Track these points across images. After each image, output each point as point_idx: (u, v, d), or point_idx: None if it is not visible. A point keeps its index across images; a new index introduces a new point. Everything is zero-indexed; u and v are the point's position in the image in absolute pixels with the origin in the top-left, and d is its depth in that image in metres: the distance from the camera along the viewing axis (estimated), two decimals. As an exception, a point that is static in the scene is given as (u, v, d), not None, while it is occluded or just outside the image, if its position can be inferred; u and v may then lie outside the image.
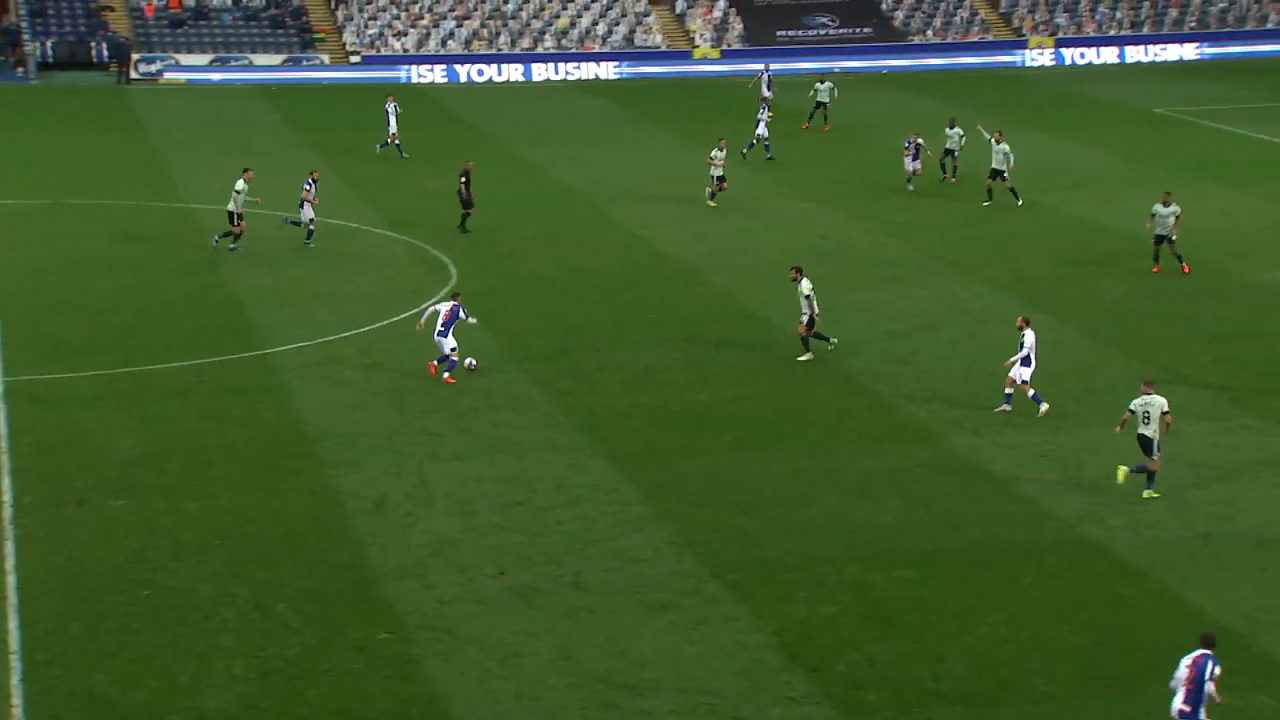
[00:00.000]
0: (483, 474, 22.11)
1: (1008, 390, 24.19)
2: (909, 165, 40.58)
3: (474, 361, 26.25)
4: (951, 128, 41.68)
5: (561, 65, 64.25)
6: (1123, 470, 21.08)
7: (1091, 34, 68.73)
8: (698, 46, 66.50)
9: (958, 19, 68.89)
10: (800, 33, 68.00)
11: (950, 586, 18.75)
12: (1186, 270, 32.08)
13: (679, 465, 22.48)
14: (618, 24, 67.09)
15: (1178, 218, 32.11)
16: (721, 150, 38.09)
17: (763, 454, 22.83)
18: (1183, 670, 14.66)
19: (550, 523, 20.54)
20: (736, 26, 67.85)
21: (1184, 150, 46.00)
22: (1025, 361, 23.89)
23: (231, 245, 33.83)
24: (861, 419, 24.27)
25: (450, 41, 65.29)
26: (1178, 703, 14.60)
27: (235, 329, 28.71)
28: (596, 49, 65.67)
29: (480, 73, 63.79)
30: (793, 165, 44.48)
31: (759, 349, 27.65)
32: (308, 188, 34.13)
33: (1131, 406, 21.12)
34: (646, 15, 68.04)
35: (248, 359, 27.07)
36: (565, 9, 67.83)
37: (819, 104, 50.07)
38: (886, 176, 42.72)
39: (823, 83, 50.48)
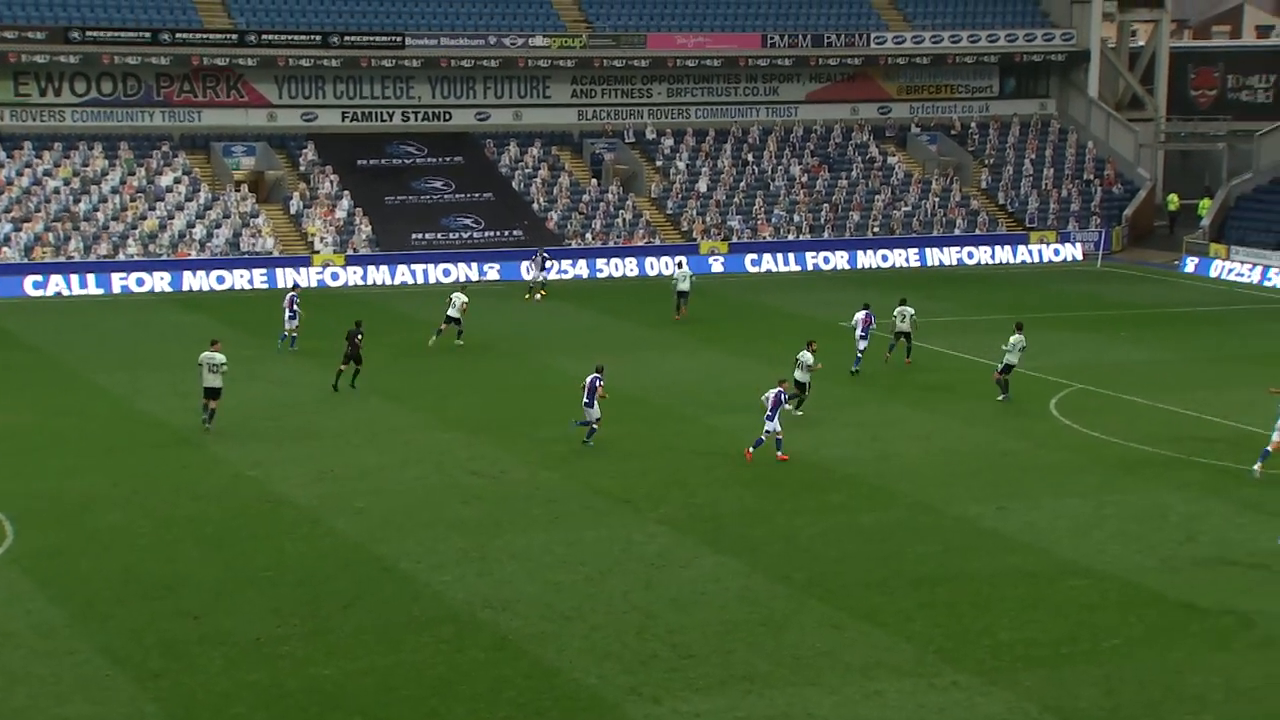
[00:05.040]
0: (47, 781, 20.90)
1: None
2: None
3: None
4: (903, 304, 48.79)
5: (149, 275, 63.47)
6: None
7: (768, 239, 72.82)
8: (318, 252, 66.97)
9: (620, 221, 71.85)
10: (440, 236, 69.52)
11: None
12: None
13: (299, 757, 21.84)
14: (219, 226, 67.01)
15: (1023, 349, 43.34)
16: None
17: (402, 738, 22.45)
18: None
19: (135, 839, 19.52)
20: (364, 229, 68.80)
21: (872, 368, 48.67)
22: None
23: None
24: (520, 689, 24.18)
25: (5, 248, 63.66)
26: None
27: None
28: (193, 255, 65.30)
29: (45, 285, 62.29)
30: (435, 390, 44.87)
31: (397, 609, 27.36)
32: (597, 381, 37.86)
33: None
34: (255, 216, 68.27)
35: None
36: (153, 209, 67.36)
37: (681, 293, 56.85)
38: (545, 399, 43.58)
39: (680, 267, 59.43)
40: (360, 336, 44.06)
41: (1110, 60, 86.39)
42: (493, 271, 66.91)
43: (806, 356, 41.55)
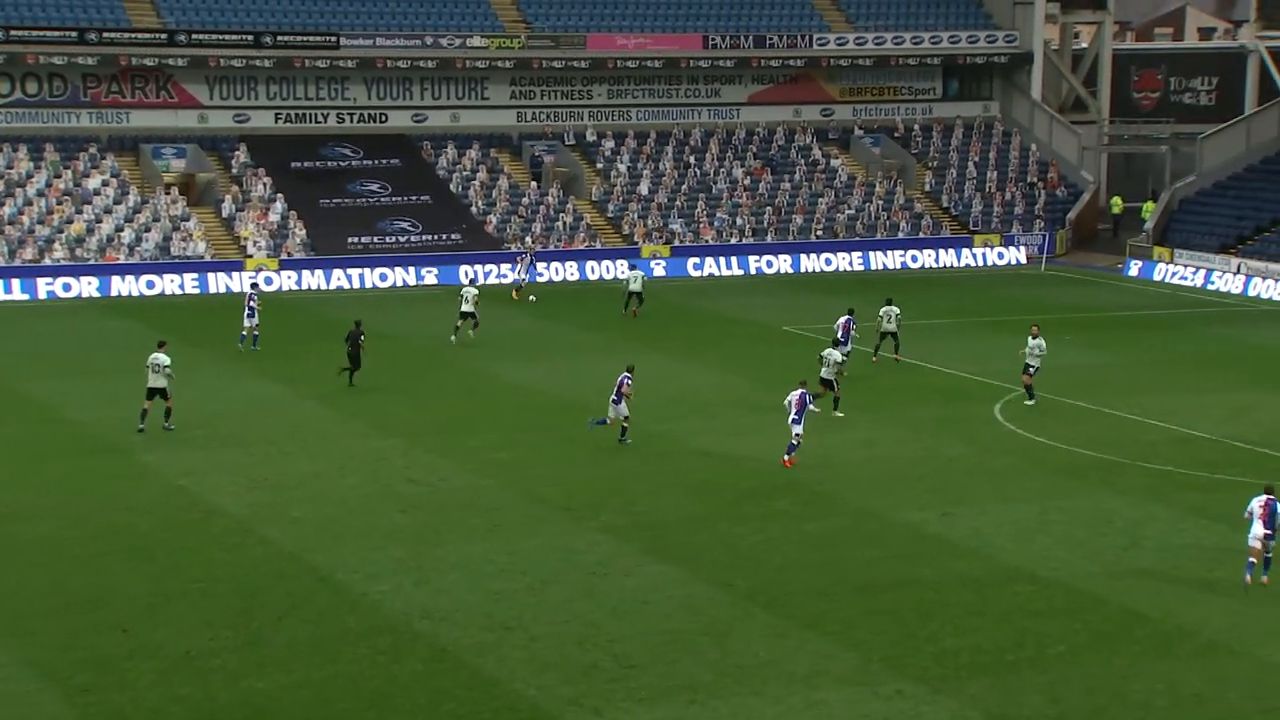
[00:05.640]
0: (-29, 800, 20.68)
1: None
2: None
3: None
4: (888, 304, 49.69)
5: (76, 280, 62.94)
6: None
7: (711, 242, 72.95)
8: (251, 257, 66.57)
9: (560, 224, 71.79)
10: (376, 240, 69.24)
11: None
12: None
13: (232, 772, 21.70)
14: (148, 230, 66.50)
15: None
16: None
17: (338, 752, 22.34)
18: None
19: None
20: (299, 233, 68.44)
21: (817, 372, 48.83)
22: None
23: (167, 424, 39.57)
24: (459, 701, 24.11)
25: (-70, 251, 63.03)
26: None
27: None
28: (122, 260, 64.80)
29: (-28, 289, 61.74)
30: (372, 394, 44.69)
31: (332, 620, 27.22)
32: (627, 379, 38.48)
33: None
34: (186, 220, 67.81)
35: None
36: (80, 213, 66.77)
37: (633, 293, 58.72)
38: (484, 405, 43.49)
39: (632, 269, 62.66)
40: (362, 337, 45.08)
41: (1053, 62, 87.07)
42: (430, 276, 66.69)
43: (835, 354, 42.52)
